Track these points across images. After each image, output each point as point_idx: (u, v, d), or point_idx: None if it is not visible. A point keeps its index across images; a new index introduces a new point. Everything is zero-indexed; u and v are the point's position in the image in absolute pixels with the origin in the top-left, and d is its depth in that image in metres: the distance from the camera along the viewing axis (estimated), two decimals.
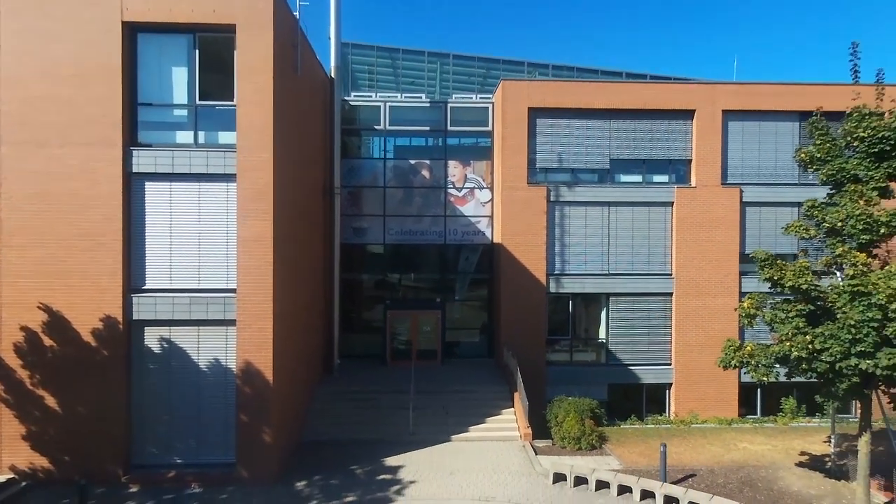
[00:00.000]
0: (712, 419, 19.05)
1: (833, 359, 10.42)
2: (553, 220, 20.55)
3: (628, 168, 21.02)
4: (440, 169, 22.64)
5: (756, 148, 20.80)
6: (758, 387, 20.34)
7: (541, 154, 20.59)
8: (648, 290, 20.69)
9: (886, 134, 11.17)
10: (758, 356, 11.67)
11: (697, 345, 20.30)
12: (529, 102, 20.29)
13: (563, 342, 21.03)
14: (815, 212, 11.97)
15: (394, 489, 13.03)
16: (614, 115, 20.53)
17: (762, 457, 15.24)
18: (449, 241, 22.67)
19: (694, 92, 20.55)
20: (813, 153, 12.35)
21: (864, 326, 10.07)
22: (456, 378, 19.66)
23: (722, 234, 20.41)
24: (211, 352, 13.41)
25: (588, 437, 15.67)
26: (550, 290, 20.51)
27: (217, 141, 13.50)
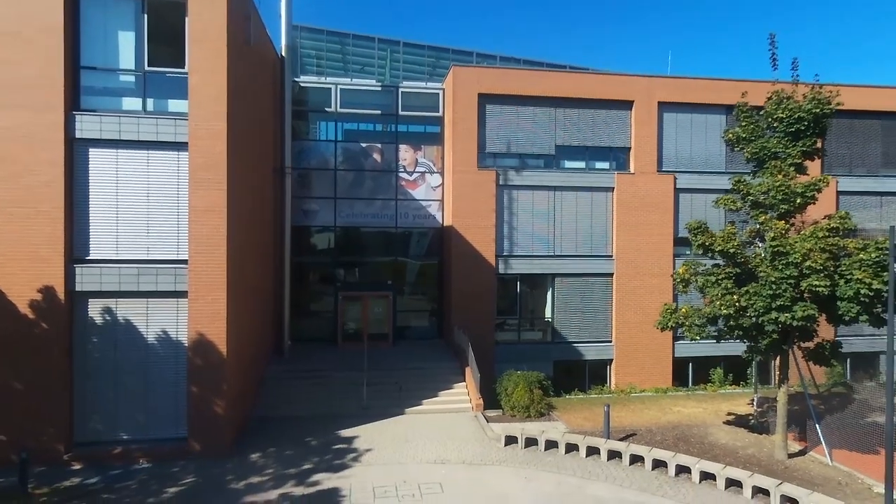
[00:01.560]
0: (650, 389, 20.32)
1: (756, 314, 11.54)
2: (502, 203, 21.23)
3: (573, 154, 22.02)
4: (391, 153, 22.85)
5: (688, 138, 22.31)
6: (690, 361, 21.84)
7: (490, 139, 21.22)
8: (591, 271, 21.75)
9: (801, 115, 12.43)
10: (691, 317, 12.70)
11: (636, 322, 21.53)
12: (479, 88, 20.89)
13: (512, 322, 21.77)
14: (741, 186, 13.13)
15: (350, 457, 13.18)
16: (560, 103, 21.46)
17: (694, 418, 16.47)
18: (400, 225, 22.92)
19: (632, 84, 21.78)
20: (739, 133, 13.55)
21: (783, 283, 11.22)
22: (408, 357, 19.96)
23: (658, 218, 21.76)
24: (161, 324, 13.08)
25: (536, 405, 16.37)
26: (499, 271, 21.18)
27: (167, 109, 13.20)
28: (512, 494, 11.41)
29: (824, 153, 13.43)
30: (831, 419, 14.51)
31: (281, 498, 11.12)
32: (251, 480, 11.89)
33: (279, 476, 12.10)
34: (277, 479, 11.94)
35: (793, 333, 12.53)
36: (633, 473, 12.50)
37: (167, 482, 11.74)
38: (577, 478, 12.25)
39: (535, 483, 11.97)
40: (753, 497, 11.31)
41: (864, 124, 23.11)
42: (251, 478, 12.01)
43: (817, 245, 11.16)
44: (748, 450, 13.81)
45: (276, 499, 11.09)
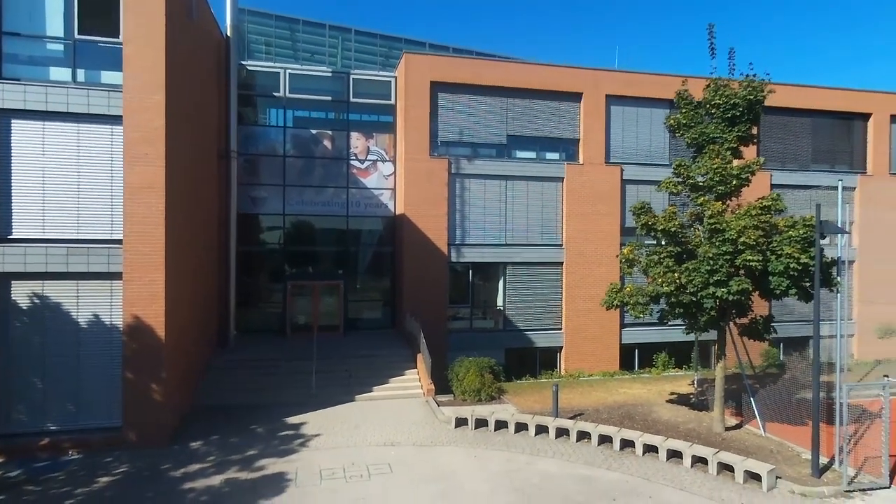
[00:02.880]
0: (598, 373, 20.79)
1: (695, 289, 11.98)
2: (454, 191, 21.25)
3: (524, 145, 22.29)
4: (342, 140, 22.50)
5: (634, 131, 22.98)
6: (636, 347, 22.48)
7: (443, 128, 21.21)
8: (542, 260, 22.07)
9: (736, 101, 12.99)
10: (635, 296, 13.06)
11: (585, 310, 21.98)
12: (432, 76, 20.85)
13: (464, 310, 21.82)
14: (681, 169, 13.60)
15: (297, 442, 12.86)
16: (511, 93, 21.68)
17: (639, 398, 16.96)
18: (352, 214, 22.59)
19: (581, 76, 22.25)
20: (679, 120, 14.04)
21: (720, 259, 11.70)
22: (359, 346, 19.68)
23: (606, 208, 22.29)
24: (93, 307, 12.39)
25: (487, 389, 16.45)
26: (451, 259, 21.19)
27: (100, 80, 12.51)
28: (461, 472, 11.41)
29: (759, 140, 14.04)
30: (765, 395, 15.20)
31: (223, 483, 10.71)
32: (191, 468, 11.41)
33: (222, 462, 11.67)
34: (220, 466, 11.50)
35: (729, 310, 13.08)
36: (580, 449, 12.74)
37: (98, 472, 11.11)
38: (526, 455, 12.37)
39: (484, 461, 12.00)
40: (693, 466, 11.73)
41: (796, 121, 24.40)
42: (191, 465, 11.53)
43: (751, 222, 11.71)
44: (689, 424, 14.32)
45: (219, 484, 10.67)
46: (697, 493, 10.58)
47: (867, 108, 24.84)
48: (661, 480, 11.10)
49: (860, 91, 24.88)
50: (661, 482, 11.02)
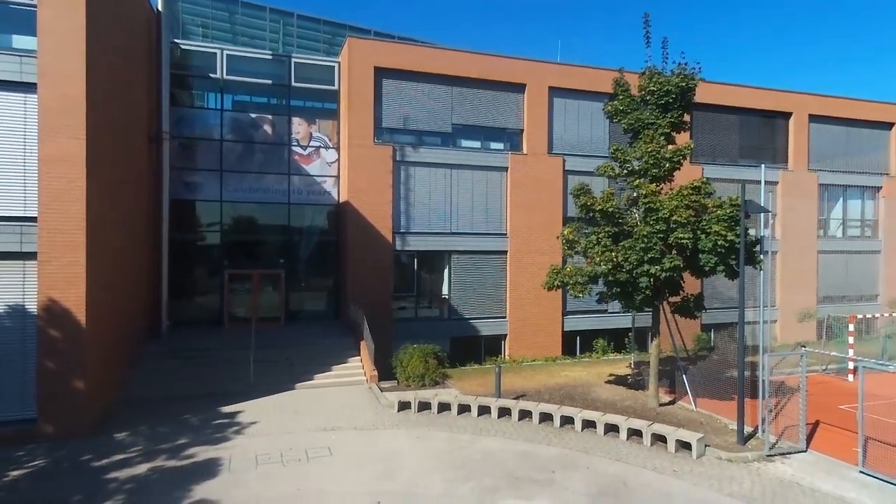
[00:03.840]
0: (540, 359, 21.13)
1: (631, 267, 12.37)
2: (399, 179, 21.06)
3: (469, 134, 22.38)
4: (284, 125, 21.87)
5: (576, 123, 23.52)
6: (577, 334, 23.01)
7: (387, 114, 20.98)
8: (487, 249, 22.22)
9: (670, 88, 13.50)
10: (575, 276, 13.34)
11: (528, 298, 22.30)
12: (376, 62, 20.58)
13: (409, 299, 21.68)
14: (618, 154, 14.01)
15: (232, 430, 12.35)
16: (456, 82, 21.70)
17: (579, 379, 17.37)
18: (293, 201, 21.99)
19: (525, 67, 22.56)
20: (617, 106, 14.46)
21: (654, 237, 12.13)
22: (301, 335, 19.19)
23: (548, 198, 22.69)
24: (3, 290, 11.42)
25: (431, 374, 16.39)
26: (396, 247, 20.99)
27: (11, 45, 11.56)
28: (403, 452, 11.28)
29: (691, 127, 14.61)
30: (696, 374, 15.87)
31: (150, 471, 10.12)
32: (115, 458, 10.73)
33: (149, 452, 11.04)
34: (147, 455, 10.88)
35: (663, 289, 13.58)
36: (522, 427, 12.88)
37: (9, 466, 10.26)
38: (469, 434, 12.39)
39: (426, 441, 11.92)
40: (629, 439, 12.09)
41: (725, 118, 25.67)
42: (115, 455, 10.85)
43: (682, 202, 12.21)
44: (626, 402, 14.77)
45: (145, 472, 10.08)
46: (633, 462, 10.90)
47: (788, 107, 26.47)
48: (598, 453, 11.37)
49: (782, 91, 26.48)
50: (598, 454, 11.29)
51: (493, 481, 9.93)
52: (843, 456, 11.06)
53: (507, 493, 9.47)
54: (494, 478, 10.07)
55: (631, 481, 10.01)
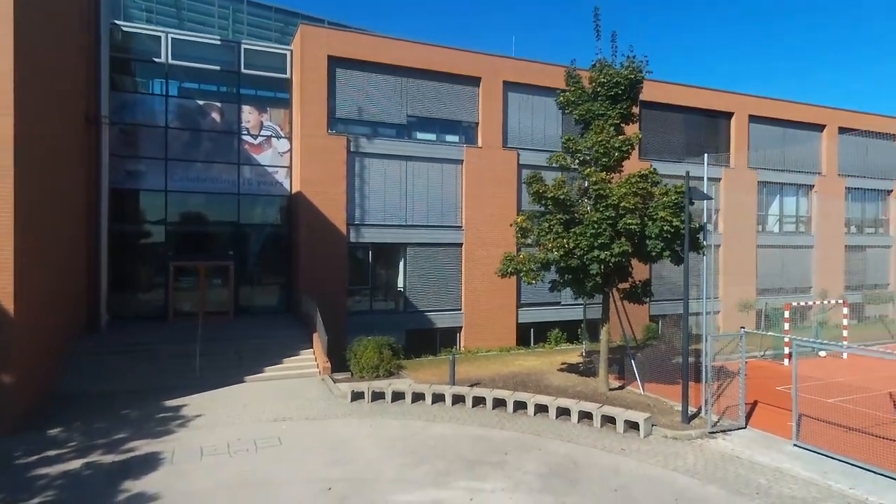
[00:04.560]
0: (495, 349, 21.29)
1: (582, 252, 12.62)
2: (353, 170, 20.78)
3: (424, 126, 22.33)
4: (233, 114, 21.22)
5: (530, 117, 23.83)
6: (531, 325, 23.31)
7: (341, 105, 20.67)
8: (442, 241, 22.22)
9: (619, 80, 13.84)
10: (528, 263, 13.49)
11: (483, 290, 22.43)
12: (329, 51, 20.24)
13: (364, 291, 21.43)
14: (570, 143, 14.27)
15: (175, 423, 11.85)
16: (411, 74, 21.60)
17: (533, 368, 17.60)
18: (244, 191, 21.37)
19: (480, 61, 22.69)
20: (569, 97, 14.72)
21: (603, 223, 12.42)
22: (251, 328, 18.65)
23: (503, 191, 22.89)
24: None
25: (385, 365, 16.23)
26: (351, 240, 20.70)
27: None
28: (356, 440, 11.11)
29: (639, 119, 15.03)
30: (644, 361, 16.35)
31: (84, 466, 9.58)
32: (47, 454, 10.10)
33: (84, 447, 10.44)
34: (82, 451, 10.28)
35: (613, 275, 13.92)
36: (476, 413, 12.93)
37: None
38: (423, 421, 12.33)
39: (380, 429, 11.79)
40: (580, 421, 12.31)
41: (672, 117, 26.57)
42: (47, 451, 10.21)
43: (630, 190, 12.55)
44: (577, 388, 15.06)
45: (79, 467, 9.52)
46: (583, 443, 11.10)
47: (730, 107, 27.67)
48: (550, 435, 11.53)
49: (725, 92, 27.66)
50: (550, 437, 11.44)
51: (447, 465, 9.90)
52: (778, 431, 11.62)
53: (461, 476, 9.46)
54: (448, 461, 10.05)
55: (581, 460, 10.19)
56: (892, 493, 8.88)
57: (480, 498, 8.65)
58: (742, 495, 8.81)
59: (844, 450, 10.40)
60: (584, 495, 8.77)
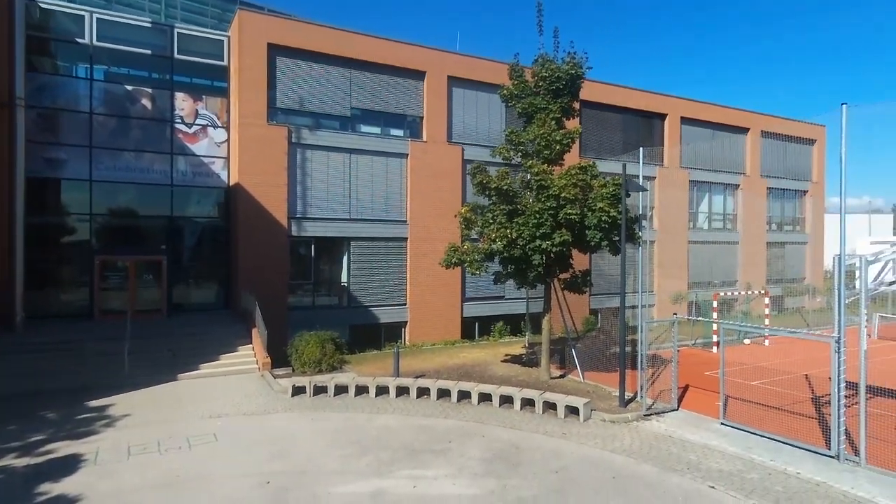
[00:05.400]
0: (440, 343, 21.33)
1: (525, 242, 12.83)
2: (295, 162, 20.26)
3: (368, 119, 22.05)
4: (165, 101, 20.20)
5: (474, 113, 24.00)
6: (476, 319, 23.49)
7: (282, 94, 20.10)
8: (387, 236, 22.03)
9: (560, 75, 14.17)
10: (472, 253, 13.58)
11: (428, 285, 22.42)
12: (269, 38, 19.64)
13: (306, 286, 20.94)
14: (513, 136, 14.48)
15: (100, 423, 11.15)
16: (355, 65, 21.29)
17: (477, 359, 17.77)
18: (177, 182, 20.38)
19: (425, 55, 22.65)
20: (512, 90, 14.93)
21: (545, 213, 12.68)
22: (185, 325, 17.83)
23: (448, 186, 22.95)
24: None
25: (328, 359, 15.89)
26: (292, 233, 20.17)
27: None
28: (296, 434, 10.82)
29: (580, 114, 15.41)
30: (584, 351, 16.85)
31: None
32: None
33: None
34: None
35: (554, 266, 14.23)
36: (420, 404, 12.88)
37: None
38: (366, 413, 12.16)
39: (321, 422, 11.54)
40: (522, 409, 12.50)
41: (610, 117, 27.50)
42: None
43: (570, 181, 12.88)
44: (520, 377, 15.31)
45: None
46: (525, 429, 11.28)
47: (664, 109, 28.94)
48: (493, 422, 11.64)
49: (659, 94, 28.90)
50: (493, 424, 11.56)
51: (391, 454, 9.80)
52: (707, 412, 12.23)
53: (405, 464, 9.38)
54: (392, 451, 9.95)
55: (523, 445, 10.35)
56: (807, 462, 9.53)
57: (423, 485, 8.62)
58: (674, 471, 9.21)
59: (766, 426, 11.07)
60: (525, 477, 8.90)
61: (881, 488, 8.52)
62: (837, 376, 9.64)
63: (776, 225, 33.91)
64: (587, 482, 8.76)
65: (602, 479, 8.87)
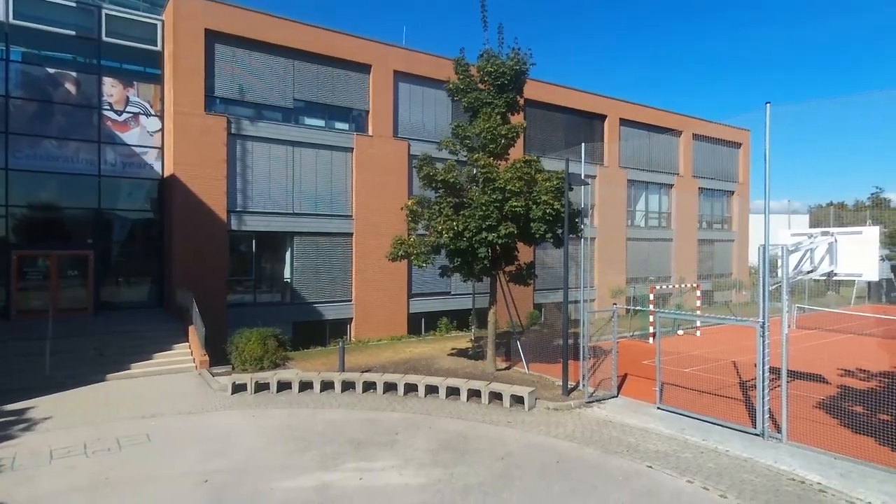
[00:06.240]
0: (386, 338, 21.16)
1: (471, 234, 12.91)
2: (235, 154, 19.55)
3: (312, 111, 21.57)
4: (92, 86, 19.00)
5: (420, 109, 23.97)
6: (422, 315, 23.46)
7: (220, 83, 19.34)
8: (331, 231, 21.63)
9: (505, 70, 14.35)
10: (419, 246, 13.54)
11: (374, 281, 22.20)
12: (206, 24, 18.85)
13: (247, 283, 20.26)
14: (459, 130, 14.55)
15: (18, 427, 10.36)
16: (299, 56, 20.77)
17: (424, 354, 17.75)
18: (106, 173, 19.21)
19: (370, 48, 22.40)
20: (458, 84, 14.99)
21: (491, 206, 12.81)
22: (115, 324, 16.83)
23: (394, 181, 22.79)
24: None
25: (271, 356, 15.44)
26: (232, 227, 19.45)
27: None
28: (237, 431, 10.43)
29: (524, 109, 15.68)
30: (529, 344, 17.17)
31: None
32: None
33: None
34: None
35: (500, 259, 14.41)
36: (367, 398, 12.73)
37: None
38: (310, 409, 11.89)
39: (263, 419, 11.18)
40: (469, 400, 12.60)
41: (554, 116, 28.13)
42: None
43: (516, 174, 13.07)
44: (466, 370, 15.41)
45: None
46: (472, 419, 11.37)
47: (604, 110, 29.93)
48: (440, 414, 11.66)
49: (600, 96, 29.85)
50: (440, 415, 11.58)
51: (336, 448, 9.62)
52: (645, 398, 12.74)
53: (350, 458, 9.23)
54: (337, 445, 9.77)
55: (470, 434, 10.42)
56: (735, 441, 10.10)
57: (370, 476, 8.51)
58: (615, 453, 9.53)
59: (698, 409, 11.65)
60: (472, 465, 8.96)
61: (800, 461, 9.15)
62: (762, 357, 10.27)
63: (706, 223, 35.80)
64: (533, 467, 8.92)
65: (547, 464, 9.05)
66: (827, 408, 11.81)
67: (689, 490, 8.15)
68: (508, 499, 7.80)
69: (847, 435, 10.04)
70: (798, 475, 8.62)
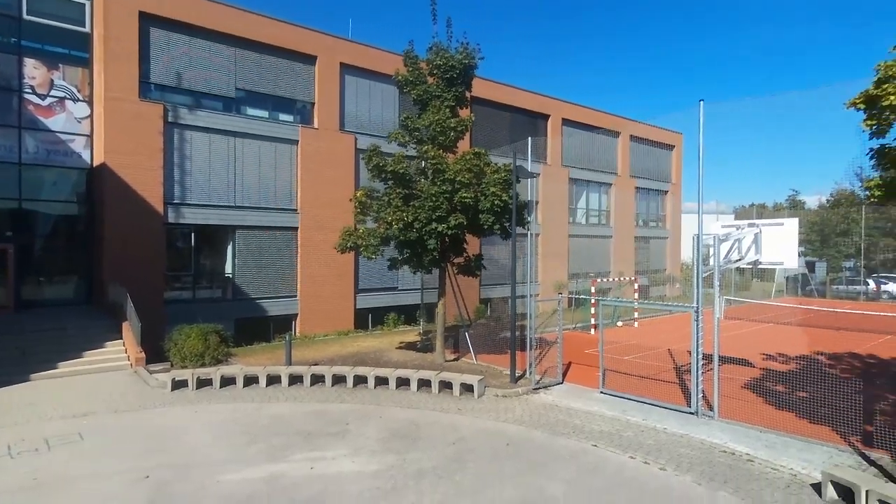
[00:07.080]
0: (333, 333, 20.86)
1: (421, 225, 12.96)
2: (172, 144, 18.69)
3: (256, 102, 20.94)
4: (12, 67, 17.65)
5: (367, 103, 23.76)
6: (370, 311, 23.28)
7: (156, 69, 18.45)
8: (275, 224, 21.07)
9: (454, 64, 14.48)
10: (368, 238, 13.46)
11: (320, 276, 21.82)
12: (141, 6, 17.93)
13: (186, 278, 19.43)
14: (408, 121, 14.56)
15: None
16: (241, 44, 20.12)
17: (372, 347, 17.64)
18: (27, 161, 17.90)
19: (316, 39, 21.99)
20: (407, 77, 15.00)
21: (440, 197, 12.91)
22: (39, 322, 15.73)
23: (341, 175, 22.48)
24: None
25: (212, 352, 14.93)
26: (169, 220, 18.60)
27: None
28: (178, 427, 10.02)
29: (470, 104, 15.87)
30: (477, 336, 17.42)
31: None
32: None
33: None
34: None
35: (448, 250, 14.54)
36: (315, 391, 12.54)
37: None
38: (256, 403, 11.59)
39: (206, 414, 10.80)
40: (419, 389, 12.65)
41: (500, 115, 28.56)
42: None
43: (465, 166, 13.23)
44: (415, 362, 15.44)
45: None
46: (423, 407, 11.42)
47: (548, 110, 30.71)
48: (391, 404, 11.65)
49: (544, 96, 30.60)
50: (391, 405, 11.57)
51: (284, 440, 9.44)
52: (588, 384, 13.22)
53: (300, 449, 9.08)
54: (285, 437, 9.58)
55: (422, 422, 10.48)
56: (672, 419, 10.67)
57: (322, 465, 8.41)
58: (562, 435, 9.85)
59: (638, 392, 12.22)
60: (424, 451, 9.02)
61: (731, 435, 9.79)
62: (696, 340, 10.91)
63: (643, 221, 37.44)
64: (484, 450, 9.08)
65: (497, 447, 9.24)
66: (753, 388, 12.68)
67: (631, 465, 8.55)
68: (462, 480, 7.92)
69: (771, 411, 10.81)
70: (729, 447, 9.22)
